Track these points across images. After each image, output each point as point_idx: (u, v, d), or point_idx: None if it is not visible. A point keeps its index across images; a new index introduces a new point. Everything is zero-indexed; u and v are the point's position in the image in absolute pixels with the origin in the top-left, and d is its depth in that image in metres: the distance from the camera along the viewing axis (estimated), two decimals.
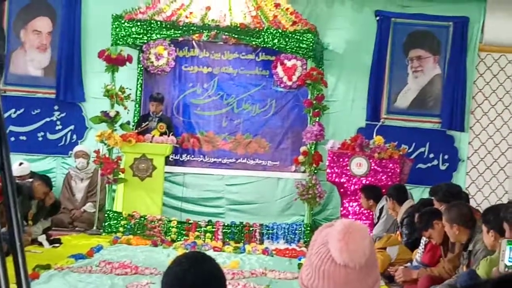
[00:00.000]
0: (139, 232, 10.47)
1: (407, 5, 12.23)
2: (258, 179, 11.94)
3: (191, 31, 11.21)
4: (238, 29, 10.92)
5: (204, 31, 11.41)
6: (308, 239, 9.71)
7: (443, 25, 12.14)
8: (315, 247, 2.24)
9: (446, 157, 12.17)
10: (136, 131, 11.15)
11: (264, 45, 11.15)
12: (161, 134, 11.12)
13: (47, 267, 7.71)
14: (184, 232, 10.54)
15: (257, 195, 11.91)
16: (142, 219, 10.55)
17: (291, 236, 10.70)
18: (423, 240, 7.56)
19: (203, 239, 10.41)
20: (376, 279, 2.25)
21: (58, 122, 12.22)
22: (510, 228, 4.77)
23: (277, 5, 11.50)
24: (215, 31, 11.40)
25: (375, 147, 10.36)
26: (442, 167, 12.17)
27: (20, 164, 10.98)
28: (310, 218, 10.96)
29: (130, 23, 10.91)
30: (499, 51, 12.10)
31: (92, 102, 11.94)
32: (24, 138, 12.13)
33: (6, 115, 11.95)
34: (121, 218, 10.60)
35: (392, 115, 12.18)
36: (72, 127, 12.20)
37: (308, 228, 10.61)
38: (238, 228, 10.69)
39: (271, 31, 10.86)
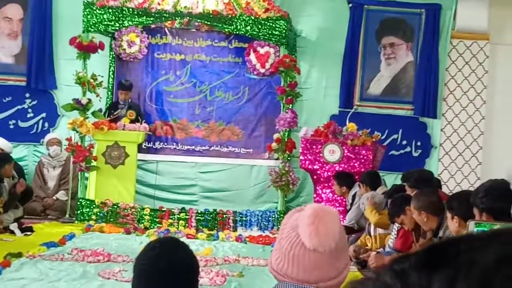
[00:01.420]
0: (112, 220, 10.43)
1: None
2: (231, 166, 11.93)
3: (163, 18, 11.18)
4: (211, 16, 10.89)
5: (176, 18, 11.37)
6: None
7: (416, 12, 12.16)
8: (285, 231, 2.23)
9: (418, 143, 12.22)
10: (108, 119, 11.09)
11: (237, 32, 11.14)
12: (131, 121, 11.07)
13: (19, 255, 7.64)
14: (157, 220, 10.51)
15: (231, 182, 11.90)
16: (115, 206, 10.51)
17: (264, 223, 10.73)
18: (396, 226, 7.59)
19: (177, 226, 10.39)
20: (346, 263, 2.25)
21: (30, 110, 12.10)
22: (480, 213, 4.79)
23: None
24: (188, 18, 11.37)
25: (348, 134, 10.37)
26: (415, 154, 12.22)
27: None
28: (283, 205, 10.98)
29: (102, 9, 10.85)
30: (471, 38, 12.14)
31: (64, 89, 11.85)
32: None
33: None
34: (94, 206, 10.55)
35: (365, 102, 12.20)
36: (44, 114, 12.09)
37: (282, 215, 10.60)
38: (211, 215, 10.68)
39: (244, 18, 10.85)
